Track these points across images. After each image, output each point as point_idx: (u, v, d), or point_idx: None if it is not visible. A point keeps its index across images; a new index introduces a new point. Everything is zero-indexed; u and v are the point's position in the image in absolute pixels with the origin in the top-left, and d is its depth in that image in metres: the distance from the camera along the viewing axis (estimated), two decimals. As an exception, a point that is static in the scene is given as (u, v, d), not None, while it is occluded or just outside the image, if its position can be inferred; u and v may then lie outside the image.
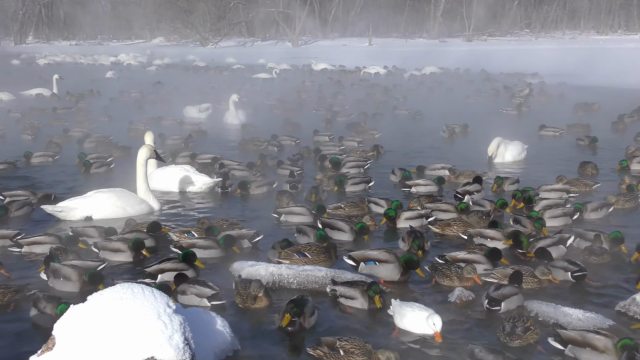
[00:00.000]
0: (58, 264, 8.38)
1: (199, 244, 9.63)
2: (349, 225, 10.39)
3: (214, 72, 48.33)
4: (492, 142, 16.36)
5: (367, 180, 13.78)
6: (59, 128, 21.63)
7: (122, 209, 11.77)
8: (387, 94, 32.01)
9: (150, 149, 12.17)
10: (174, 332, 5.32)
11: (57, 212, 11.60)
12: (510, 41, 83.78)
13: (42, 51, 78.38)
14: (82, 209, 11.59)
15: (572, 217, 11.09)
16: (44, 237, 9.86)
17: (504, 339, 6.90)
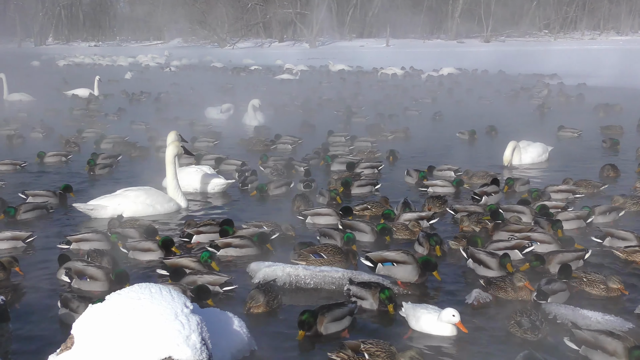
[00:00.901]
0: (82, 265, 8.37)
1: (234, 243, 9.74)
2: (370, 226, 10.33)
3: (232, 73, 48.47)
4: (507, 147, 16.10)
5: (374, 183, 13.62)
6: (73, 128, 21.78)
7: (151, 207, 11.91)
8: (405, 94, 31.93)
9: (177, 146, 12.26)
10: (192, 332, 5.33)
11: (88, 210, 11.77)
12: (529, 42, 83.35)
13: (61, 52, 79.08)
14: (112, 207, 11.75)
15: (587, 220, 10.93)
16: (91, 235, 9.98)
17: (525, 334, 6.93)
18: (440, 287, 8.48)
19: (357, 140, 18.89)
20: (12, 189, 13.60)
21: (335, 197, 12.49)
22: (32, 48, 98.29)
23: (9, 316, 6.61)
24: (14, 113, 26.14)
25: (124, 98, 32.03)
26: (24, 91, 32.49)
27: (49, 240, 10.33)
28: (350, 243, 9.58)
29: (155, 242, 9.57)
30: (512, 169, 15.80)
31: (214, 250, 9.34)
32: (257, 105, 23.51)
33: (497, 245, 9.42)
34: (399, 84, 38.09)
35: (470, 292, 7.99)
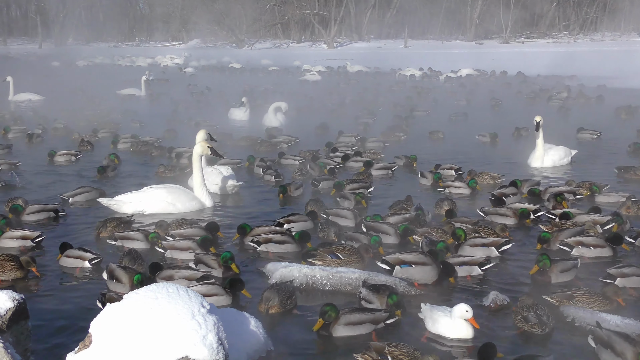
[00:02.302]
0: (114, 265, 8.42)
1: (275, 239, 9.84)
2: (393, 228, 10.24)
3: (249, 74, 48.54)
4: (539, 148, 16.01)
5: (367, 186, 13.39)
6: (89, 128, 21.95)
7: (172, 205, 12.07)
8: (423, 95, 31.85)
9: (204, 145, 12.35)
10: (208, 331, 5.35)
11: (112, 205, 12.01)
12: (548, 43, 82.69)
13: (81, 53, 79.64)
14: (134, 203, 11.98)
15: (604, 227, 10.70)
16: (135, 233, 10.16)
17: (532, 329, 7.07)
18: (458, 288, 8.45)
19: (368, 141, 18.88)
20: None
21: (360, 200, 12.30)
22: (53, 49, 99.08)
23: (29, 314, 6.67)
24: (21, 112, 26.48)
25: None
26: (42, 92, 32.94)
27: (60, 240, 10.33)
28: (377, 246, 9.52)
29: (194, 241, 9.65)
30: (535, 171, 15.66)
31: (230, 252, 9.31)
32: (283, 109, 23.42)
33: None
34: (417, 85, 37.97)
35: (487, 294, 7.95)
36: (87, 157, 17.74)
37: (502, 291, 8.06)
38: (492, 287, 8.27)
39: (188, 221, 10.87)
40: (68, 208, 12.46)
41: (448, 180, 14.07)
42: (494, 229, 10.23)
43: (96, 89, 35.18)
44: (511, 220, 11.17)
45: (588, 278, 8.74)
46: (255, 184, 14.83)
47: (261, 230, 10.26)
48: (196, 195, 12.39)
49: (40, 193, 13.75)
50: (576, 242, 9.62)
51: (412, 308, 7.71)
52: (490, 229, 10.19)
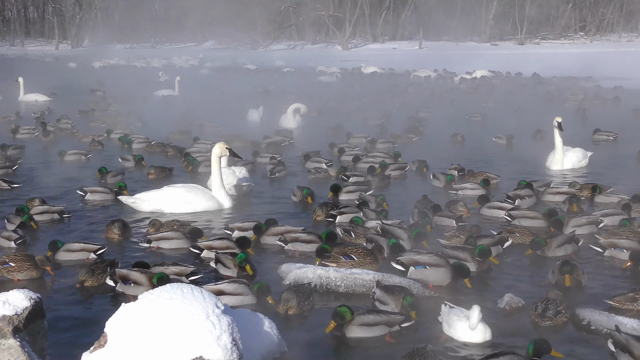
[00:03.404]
0: (126, 270, 8.44)
1: (301, 238, 9.91)
2: (407, 232, 10.12)
3: (264, 75, 48.59)
4: (559, 150, 15.91)
5: (365, 189, 13.29)
6: (100, 129, 22.06)
7: (190, 205, 12.18)
8: (436, 97, 31.76)
9: (223, 147, 12.41)
10: (222, 332, 5.37)
11: (130, 203, 12.21)
12: (564, 44, 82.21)
13: (97, 54, 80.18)
14: (152, 202, 12.15)
15: (599, 226, 10.77)
16: (170, 233, 10.23)
17: (536, 318, 7.26)
18: (472, 290, 8.41)
19: (378, 142, 18.86)
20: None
21: (381, 202, 12.16)
22: (69, 50, 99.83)
23: (45, 313, 6.71)
24: (30, 112, 26.81)
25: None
26: (58, 92, 33.28)
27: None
28: (395, 250, 9.45)
29: (232, 241, 9.72)
30: (554, 174, 15.54)
31: (244, 252, 9.33)
32: (302, 111, 23.43)
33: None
34: (431, 86, 37.87)
35: (502, 296, 7.91)
36: (97, 156, 17.91)
37: (517, 293, 8.01)
38: (507, 289, 8.23)
39: (180, 222, 10.92)
40: (80, 205, 12.60)
41: (462, 182, 14.01)
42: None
43: (123, 89, 35.45)
44: (541, 222, 11.08)
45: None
46: (271, 184, 14.93)
47: (277, 229, 10.36)
48: (214, 196, 12.44)
49: (50, 191, 13.86)
50: (609, 243, 9.65)
51: (427, 309, 7.69)
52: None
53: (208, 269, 9.23)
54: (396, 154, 16.86)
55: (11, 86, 34.38)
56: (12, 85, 34.00)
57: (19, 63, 63.64)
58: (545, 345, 6.42)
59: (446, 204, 12.03)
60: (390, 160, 16.40)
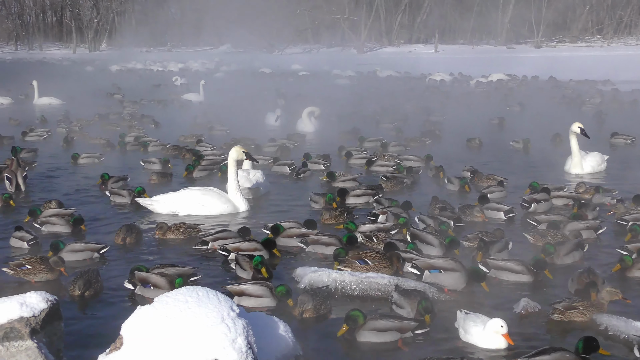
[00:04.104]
0: (145, 273, 8.46)
1: (322, 240, 9.99)
2: (438, 239, 9.87)
3: (280, 79, 48.67)
4: (576, 155, 15.82)
5: (373, 193, 13.16)
6: (114, 133, 22.26)
7: (205, 207, 12.26)
8: (451, 100, 31.66)
9: (239, 150, 12.51)
10: (237, 335, 5.38)
11: (148, 205, 12.34)
12: (581, 47, 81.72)
13: (114, 58, 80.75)
14: (169, 204, 12.25)
15: (597, 232, 10.73)
16: (226, 233, 10.35)
17: (550, 308, 7.46)
18: (488, 294, 8.37)
19: (390, 146, 18.85)
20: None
21: (397, 205, 12.06)
22: (87, 54, 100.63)
23: (62, 315, 6.76)
24: (47, 115, 27.07)
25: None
26: (75, 96, 33.60)
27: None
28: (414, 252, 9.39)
29: (259, 242, 9.81)
30: (573, 178, 15.42)
31: (262, 255, 9.33)
32: (315, 114, 23.49)
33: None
34: (447, 90, 37.78)
35: (518, 301, 7.87)
36: (110, 159, 18.10)
37: (533, 298, 7.97)
38: (524, 294, 8.18)
39: (187, 225, 10.99)
40: (94, 207, 12.76)
41: (488, 187, 13.89)
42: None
43: (141, 93, 35.74)
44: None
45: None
46: (288, 185, 15.01)
47: (293, 231, 10.45)
48: (230, 199, 12.48)
49: (64, 194, 13.98)
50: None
51: (443, 314, 7.66)
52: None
53: (215, 270, 9.28)
54: (427, 157, 16.78)
55: (27, 89, 34.74)
56: (28, 88, 34.35)
57: (36, 67, 64.31)
58: (594, 343, 6.45)
59: (460, 207, 11.97)
60: (420, 163, 16.43)
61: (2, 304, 6.37)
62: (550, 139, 20.25)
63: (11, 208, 12.58)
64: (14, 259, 9.32)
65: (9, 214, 12.34)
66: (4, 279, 8.82)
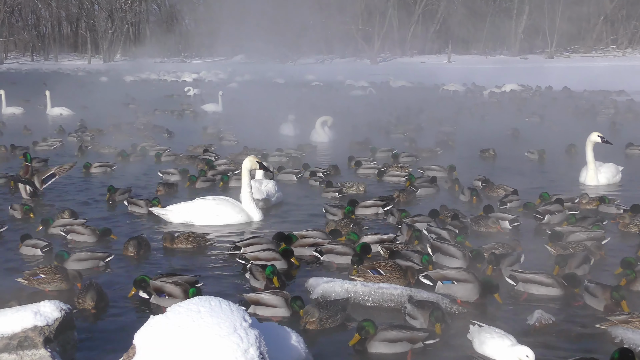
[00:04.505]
0: (160, 282, 8.45)
1: (336, 249, 10.01)
2: (462, 251, 9.68)
3: (293, 89, 48.75)
4: (591, 167, 15.69)
5: (383, 204, 13.01)
6: (127, 142, 22.42)
7: (219, 217, 12.30)
8: (465, 111, 31.60)
9: (253, 160, 12.58)
10: (250, 345, 5.37)
11: (162, 214, 12.42)
12: (595, 57, 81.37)
13: (128, 68, 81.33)
14: (183, 213, 12.31)
15: (602, 242, 10.60)
16: (257, 239, 10.41)
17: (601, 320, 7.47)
18: (501, 306, 8.32)
19: (401, 156, 18.84)
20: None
21: (406, 216, 11.98)
22: (101, 64, 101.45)
23: (75, 324, 6.79)
24: (56, 125, 27.47)
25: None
26: (91, 106, 33.93)
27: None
28: (426, 265, 9.33)
29: (277, 252, 9.84)
30: (589, 190, 15.29)
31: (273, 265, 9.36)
32: (328, 123, 23.54)
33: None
34: (460, 100, 37.71)
35: (532, 313, 7.81)
36: (122, 169, 18.28)
37: (547, 310, 7.91)
38: (537, 306, 8.13)
39: (195, 234, 11.01)
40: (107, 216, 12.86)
41: (506, 196, 13.80)
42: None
43: (154, 103, 36.05)
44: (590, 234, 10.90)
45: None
46: (303, 195, 15.08)
47: (306, 241, 10.48)
48: (244, 208, 12.51)
49: (76, 203, 14.06)
50: None
51: (456, 325, 7.62)
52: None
53: (229, 279, 9.29)
54: (451, 167, 16.66)
55: (41, 99, 35.08)
56: (42, 98, 34.68)
57: (51, 77, 64.80)
58: (629, 354, 6.36)
59: (473, 218, 11.92)
60: (443, 173, 16.39)
61: (16, 313, 6.41)
62: (565, 150, 20.11)
63: (29, 219, 12.61)
64: (28, 268, 9.36)
65: (24, 224, 12.39)
66: (18, 287, 8.87)
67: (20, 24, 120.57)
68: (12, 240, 11.11)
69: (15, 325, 6.27)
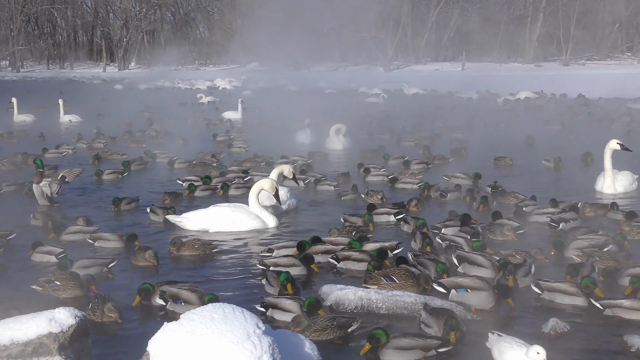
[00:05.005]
0: (176, 289, 8.48)
1: (353, 256, 10.04)
2: (490, 260, 9.57)
3: (306, 97, 48.80)
4: (608, 175, 15.55)
5: (396, 212, 12.96)
6: (139, 150, 22.60)
7: (234, 224, 12.35)
8: (478, 118, 31.51)
9: (273, 185, 12.72)
10: (263, 353, 5.37)
11: (177, 222, 12.47)
12: (610, 65, 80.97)
13: (143, 76, 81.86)
14: (198, 221, 12.36)
15: (604, 249, 10.51)
16: (292, 243, 10.60)
17: None
18: (516, 314, 8.27)
19: (413, 164, 18.81)
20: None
21: (422, 226, 11.75)
22: (116, 72, 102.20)
23: (89, 331, 6.81)
24: (68, 132, 27.88)
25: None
26: (105, 113, 34.27)
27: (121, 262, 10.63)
28: (441, 273, 9.23)
29: (297, 258, 9.91)
30: (606, 198, 15.15)
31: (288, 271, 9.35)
32: (342, 131, 23.54)
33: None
34: (475, 107, 37.62)
35: (546, 321, 7.75)
36: (134, 176, 18.37)
37: (562, 318, 7.85)
38: (552, 314, 8.06)
39: (201, 241, 11.01)
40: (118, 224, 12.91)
41: (523, 201, 13.78)
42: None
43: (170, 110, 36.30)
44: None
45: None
46: (316, 201, 15.11)
47: (318, 248, 10.49)
48: (259, 215, 12.56)
49: (89, 211, 14.08)
50: None
51: (471, 334, 7.57)
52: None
53: (243, 286, 9.29)
54: (476, 175, 16.58)
55: (55, 107, 35.43)
56: (56, 106, 35.00)
57: (66, 85, 65.33)
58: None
59: (487, 225, 11.83)
60: (468, 180, 16.38)
61: (31, 319, 6.45)
62: (580, 158, 19.97)
63: (44, 227, 12.63)
64: (43, 275, 9.40)
65: (34, 231, 12.46)
66: (33, 293, 8.92)
67: (36, 32, 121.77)
68: (26, 246, 11.14)
69: (30, 332, 6.31)
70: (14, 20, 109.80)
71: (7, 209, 14.24)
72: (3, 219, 12.98)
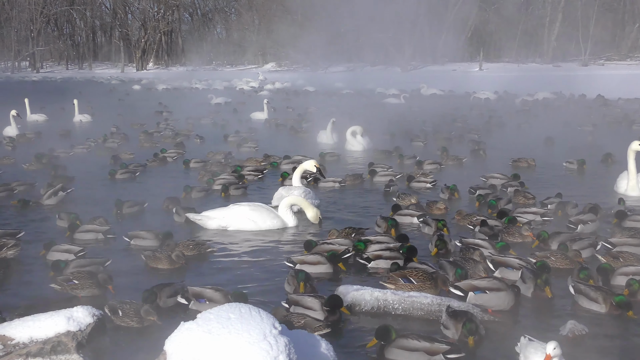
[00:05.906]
0: (199, 287, 8.52)
1: (385, 255, 10.09)
2: (526, 263, 9.49)
3: (323, 97, 48.81)
4: (632, 177, 15.22)
5: (418, 215, 12.79)
6: (152, 149, 22.68)
7: (254, 222, 12.40)
8: (495, 119, 31.34)
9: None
10: (279, 353, 5.37)
11: (197, 220, 12.57)
12: (630, 65, 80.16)
13: (161, 77, 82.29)
14: (218, 219, 12.44)
15: (596, 248, 10.51)
16: (311, 257, 10.29)
17: None
18: (533, 316, 8.21)
19: (425, 164, 18.73)
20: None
21: (442, 227, 11.70)
22: (134, 73, 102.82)
23: (107, 330, 6.86)
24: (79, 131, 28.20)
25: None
26: (124, 113, 34.55)
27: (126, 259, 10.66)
28: (459, 279, 9.02)
29: (324, 256, 9.93)
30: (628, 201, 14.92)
31: (303, 270, 9.34)
32: (358, 132, 23.53)
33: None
34: (492, 108, 37.39)
35: (564, 323, 7.69)
36: (145, 175, 18.46)
37: (580, 320, 7.78)
38: (570, 316, 8.00)
39: (195, 242, 10.98)
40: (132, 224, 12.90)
41: (547, 199, 13.74)
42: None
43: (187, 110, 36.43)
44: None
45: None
46: (338, 201, 15.10)
47: (324, 247, 10.50)
48: (279, 214, 12.59)
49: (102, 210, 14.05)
50: None
51: (490, 336, 7.52)
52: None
53: (263, 286, 9.31)
54: (515, 176, 16.31)
55: (70, 107, 35.72)
56: (71, 106, 35.28)
57: (85, 85, 65.79)
58: None
59: (504, 227, 11.75)
60: (505, 181, 16.10)
61: (50, 318, 6.50)
62: (601, 160, 19.77)
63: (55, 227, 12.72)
64: (61, 274, 9.46)
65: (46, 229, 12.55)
66: (51, 292, 8.99)
67: (55, 33, 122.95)
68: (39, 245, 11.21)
69: (49, 330, 6.37)
70: (34, 21, 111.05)
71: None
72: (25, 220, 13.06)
